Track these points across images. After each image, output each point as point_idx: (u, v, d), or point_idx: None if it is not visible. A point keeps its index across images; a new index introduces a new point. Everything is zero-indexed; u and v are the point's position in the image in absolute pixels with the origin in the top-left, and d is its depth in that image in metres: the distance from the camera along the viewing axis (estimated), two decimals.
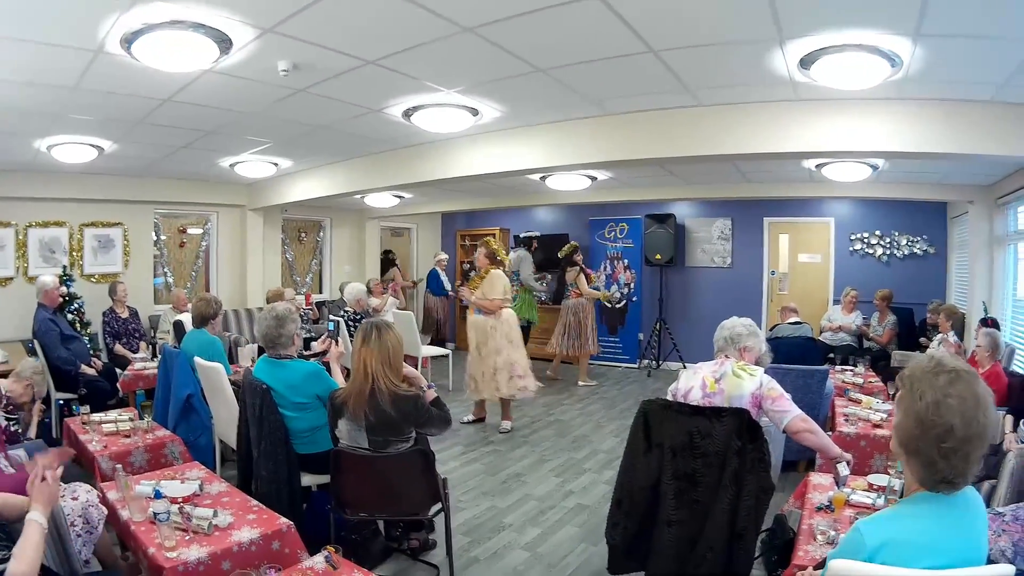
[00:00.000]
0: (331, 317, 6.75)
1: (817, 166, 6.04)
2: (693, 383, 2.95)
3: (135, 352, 6.66)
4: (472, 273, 6.96)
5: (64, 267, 7.10)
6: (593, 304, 8.56)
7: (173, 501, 2.73)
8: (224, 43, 3.27)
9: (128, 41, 3.21)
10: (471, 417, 6.51)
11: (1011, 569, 1.46)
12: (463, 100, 4.49)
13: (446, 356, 8.27)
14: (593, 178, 7.39)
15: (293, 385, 3.43)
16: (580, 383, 8.47)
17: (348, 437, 3.09)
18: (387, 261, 10.74)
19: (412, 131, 5.32)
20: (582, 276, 8.36)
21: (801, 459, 4.75)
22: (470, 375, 6.24)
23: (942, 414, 1.42)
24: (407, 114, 4.76)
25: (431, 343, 9.77)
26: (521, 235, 10.28)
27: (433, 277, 10.20)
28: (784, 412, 2.80)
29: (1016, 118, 4.00)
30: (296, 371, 3.48)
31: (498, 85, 4.16)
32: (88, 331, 6.88)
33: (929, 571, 1.40)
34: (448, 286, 10.32)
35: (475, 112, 4.73)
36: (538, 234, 10.26)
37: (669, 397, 3.02)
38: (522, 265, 8.90)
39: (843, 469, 2.75)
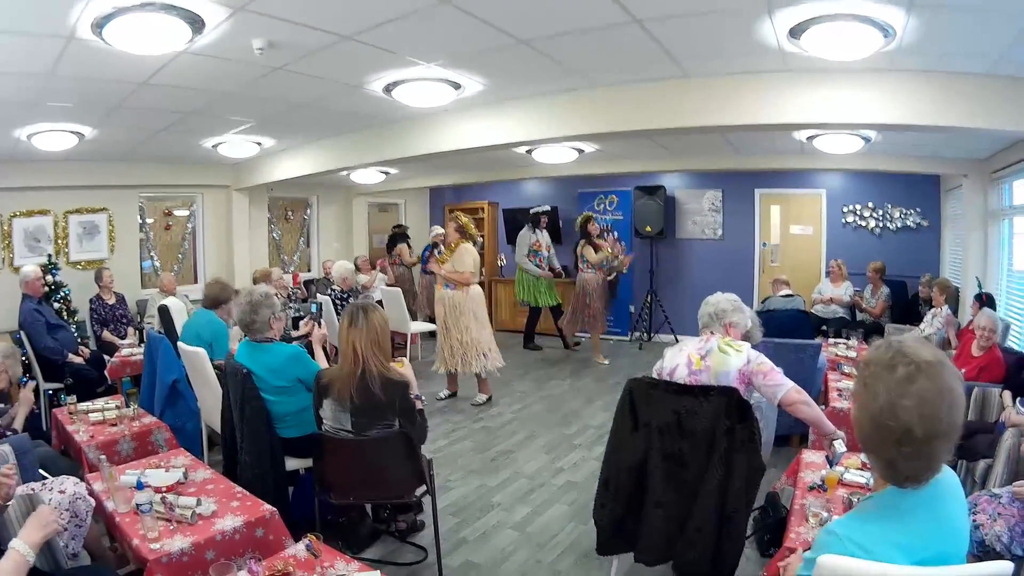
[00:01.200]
0: (317, 297, 6.68)
1: (808, 138, 5.95)
2: (678, 360, 2.92)
3: (123, 338, 6.61)
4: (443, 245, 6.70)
5: (49, 256, 6.99)
6: (602, 280, 8.18)
7: (157, 490, 2.71)
8: (196, 24, 3.18)
9: (99, 26, 3.13)
10: (446, 392, 6.50)
11: (1008, 567, 1.38)
12: (444, 74, 4.38)
13: (435, 332, 8.14)
14: (580, 151, 7.30)
15: (274, 369, 3.40)
16: (597, 360, 8.27)
17: (332, 419, 3.07)
18: (399, 236, 10.43)
19: (395, 106, 5.20)
20: (589, 247, 8.07)
21: (793, 434, 4.75)
22: (438, 350, 6.23)
23: (898, 416, 1.29)
24: (388, 89, 4.66)
25: (428, 319, 9.68)
26: (531, 211, 9.41)
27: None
28: (778, 385, 2.76)
29: (1011, 92, 3.91)
30: (277, 354, 3.46)
31: (480, 58, 4.06)
32: (75, 319, 6.80)
33: (924, 568, 1.33)
34: None
35: (457, 86, 4.62)
36: (548, 208, 9.62)
37: (654, 375, 2.98)
38: (538, 243, 8.64)
39: (839, 446, 2.69)
